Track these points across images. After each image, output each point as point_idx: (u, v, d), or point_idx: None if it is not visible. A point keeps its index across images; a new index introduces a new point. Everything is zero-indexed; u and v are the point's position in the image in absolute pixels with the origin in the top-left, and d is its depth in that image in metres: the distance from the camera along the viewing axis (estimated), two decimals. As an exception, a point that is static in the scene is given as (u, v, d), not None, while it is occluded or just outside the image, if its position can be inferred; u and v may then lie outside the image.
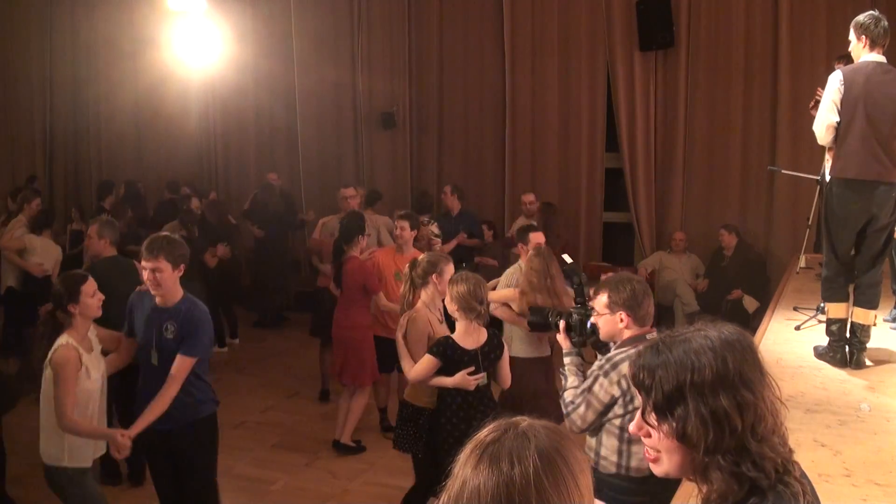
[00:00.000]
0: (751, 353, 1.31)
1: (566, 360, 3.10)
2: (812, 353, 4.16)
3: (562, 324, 3.12)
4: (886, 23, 3.79)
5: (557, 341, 3.19)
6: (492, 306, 4.26)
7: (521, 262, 4.63)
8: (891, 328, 4.62)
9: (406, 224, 5.50)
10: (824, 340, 4.13)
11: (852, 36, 3.87)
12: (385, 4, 9.21)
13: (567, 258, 3.45)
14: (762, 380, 1.30)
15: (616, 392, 2.80)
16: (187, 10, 7.05)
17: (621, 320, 2.84)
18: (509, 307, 4.49)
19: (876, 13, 3.82)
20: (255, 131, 10.13)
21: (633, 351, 2.68)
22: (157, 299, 3.48)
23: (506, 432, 1.19)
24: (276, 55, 9.57)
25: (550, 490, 1.12)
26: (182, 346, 3.43)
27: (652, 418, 1.31)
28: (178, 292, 3.50)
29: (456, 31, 8.94)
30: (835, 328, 3.99)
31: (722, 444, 1.24)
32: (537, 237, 4.66)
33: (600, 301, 2.91)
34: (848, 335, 3.97)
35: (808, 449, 3.00)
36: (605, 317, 2.89)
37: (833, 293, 3.99)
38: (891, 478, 2.78)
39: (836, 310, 3.97)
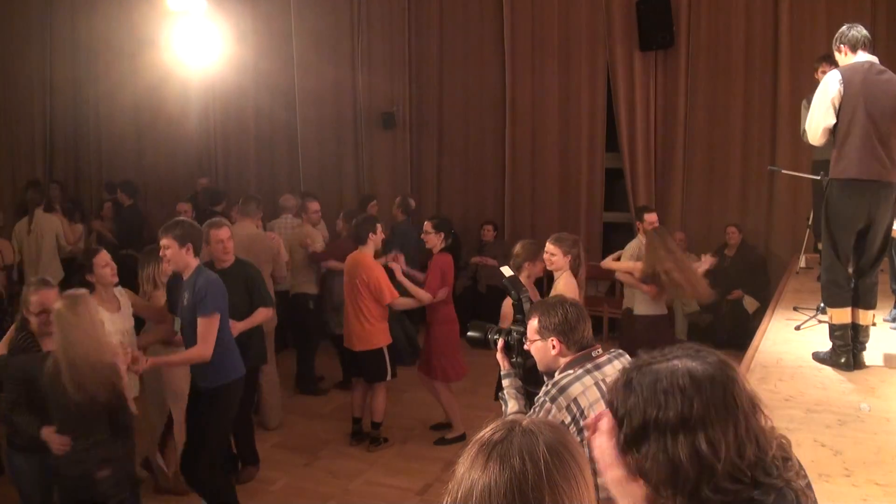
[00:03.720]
0: (722, 392, 1.25)
1: (504, 382, 2.86)
2: (811, 357, 4.14)
3: (500, 342, 2.88)
4: (862, 28, 3.80)
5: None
6: (617, 273, 5.69)
7: (640, 237, 5.66)
8: (891, 328, 4.62)
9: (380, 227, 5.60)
10: (823, 342, 4.12)
11: (835, 53, 3.89)
12: (385, 4, 9.21)
13: (507, 270, 3.18)
14: (728, 422, 1.24)
15: (567, 418, 2.47)
16: (187, 10, 7.03)
17: (553, 347, 2.61)
18: (631, 275, 5.46)
19: (854, 24, 3.85)
20: (255, 131, 10.14)
21: (580, 371, 2.52)
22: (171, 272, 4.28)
23: (512, 430, 1.19)
24: (276, 55, 9.58)
25: (562, 483, 1.13)
26: (197, 310, 3.90)
27: (606, 441, 1.31)
28: (190, 266, 3.98)
29: (456, 31, 8.94)
30: (839, 333, 3.93)
31: (675, 487, 1.23)
32: (651, 217, 5.79)
33: (531, 326, 2.69)
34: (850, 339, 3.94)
35: (808, 449, 2.99)
36: (537, 343, 2.66)
37: (836, 298, 3.92)
38: (891, 478, 2.78)
39: (839, 315, 3.91)
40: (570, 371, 2.54)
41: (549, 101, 8.46)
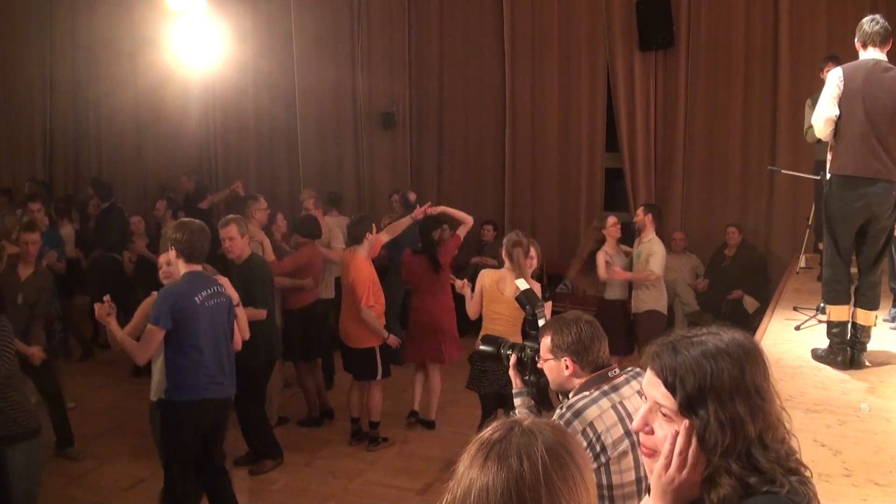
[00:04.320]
0: (763, 361, 1.31)
1: (516, 401, 2.73)
2: (810, 353, 4.16)
3: (512, 358, 2.76)
4: (884, 23, 3.76)
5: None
6: None
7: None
8: (891, 328, 4.62)
9: None
10: (823, 342, 4.12)
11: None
12: (385, 4, 9.21)
13: (522, 283, 3.09)
14: (770, 389, 1.29)
15: (582, 443, 2.30)
16: (187, 10, 7.04)
17: (566, 367, 2.48)
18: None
19: (874, 16, 3.82)
20: (255, 131, 10.14)
21: (597, 393, 2.39)
22: None
23: (511, 430, 1.19)
24: (276, 55, 9.58)
25: (559, 485, 1.13)
26: None
27: (661, 418, 1.30)
28: (179, 271, 3.96)
29: (456, 31, 8.93)
30: (836, 331, 3.95)
31: (735, 449, 1.24)
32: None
33: (544, 344, 2.56)
34: (848, 337, 3.95)
35: (808, 449, 2.99)
36: (550, 362, 2.53)
37: (835, 295, 3.94)
38: (891, 478, 2.78)
39: (837, 312, 3.93)
40: (586, 393, 2.41)
41: (549, 101, 8.45)
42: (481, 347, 2.97)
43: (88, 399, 6.54)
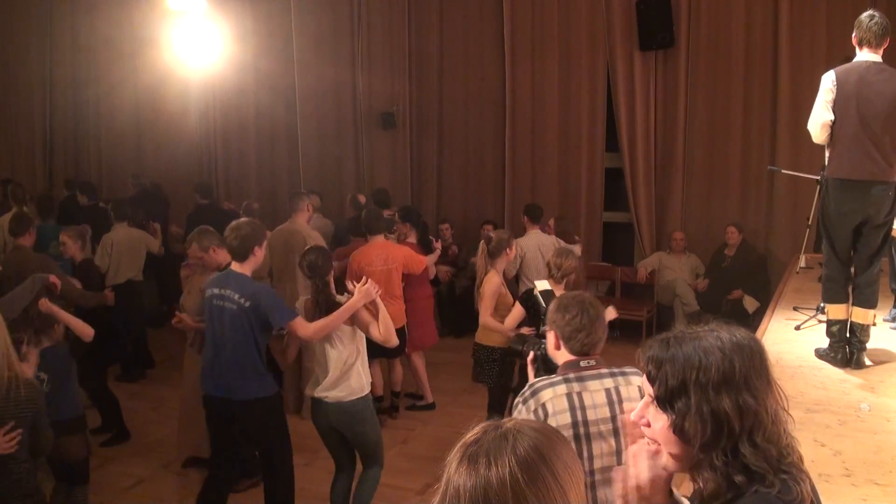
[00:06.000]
0: (759, 359, 1.30)
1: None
2: (812, 353, 4.17)
3: (531, 354, 2.88)
4: (882, 21, 3.73)
5: None
6: None
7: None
8: (891, 328, 4.62)
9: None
10: (823, 341, 4.13)
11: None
12: (385, 4, 9.21)
13: (542, 284, 3.24)
14: (767, 388, 1.29)
15: (571, 448, 2.35)
16: (187, 10, 7.04)
17: (553, 340, 2.54)
18: None
19: (873, 12, 3.80)
20: (255, 131, 10.14)
21: (558, 378, 2.40)
22: None
23: (486, 433, 1.16)
24: (276, 55, 9.58)
25: (529, 494, 1.08)
26: None
27: (654, 409, 1.31)
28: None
29: (456, 31, 8.94)
30: (835, 329, 3.99)
31: (718, 444, 1.24)
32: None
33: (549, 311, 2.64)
34: (848, 335, 3.97)
35: (808, 449, 3.00)
36: (550, 332, 2.58)
37: (833, 294, 3.99)
38: (891, 478, 2.78)
39: (835, 311, 3.97)
40: (554, 376, 2.44)
41: (549, 101, 8.45)
42: (510, 344, 3.18)
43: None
